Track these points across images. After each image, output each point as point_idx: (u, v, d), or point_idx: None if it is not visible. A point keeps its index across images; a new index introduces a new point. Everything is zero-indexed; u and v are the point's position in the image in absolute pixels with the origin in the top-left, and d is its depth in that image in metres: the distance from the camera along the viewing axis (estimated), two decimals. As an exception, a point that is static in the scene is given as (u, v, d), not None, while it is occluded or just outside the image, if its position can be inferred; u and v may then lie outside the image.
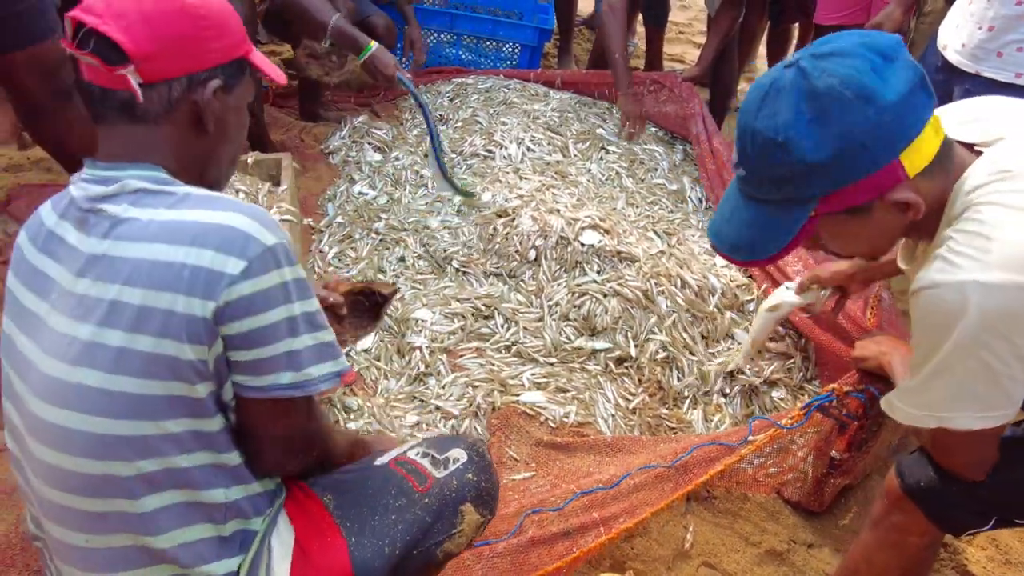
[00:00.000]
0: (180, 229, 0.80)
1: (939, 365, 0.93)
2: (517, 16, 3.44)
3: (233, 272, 0.79)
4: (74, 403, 0.80)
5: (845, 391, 1.48)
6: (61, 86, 1.90)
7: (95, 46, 0.82)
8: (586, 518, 1.41)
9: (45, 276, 0.86)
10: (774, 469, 1.63)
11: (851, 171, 0.88)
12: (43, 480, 0.85)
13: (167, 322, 0.78)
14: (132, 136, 0.86)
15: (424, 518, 0.99)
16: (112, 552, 0.85)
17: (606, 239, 2.01)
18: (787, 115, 0.88)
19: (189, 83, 0.87)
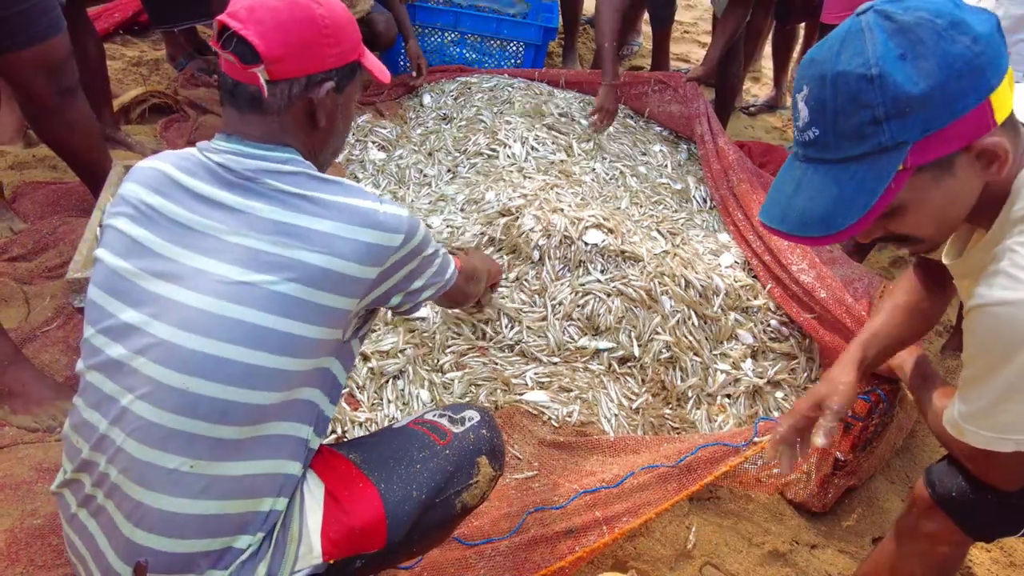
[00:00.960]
0: (357, 213, 0.98)
1: (1010, 387, 0.88)
2: (522, 15, 3.44)
3: (396, 244, 1.01)
4: (232, 335, 0.92)
5: None
6: (66, 84, 1.90)
7: (235, 46, 0.97)
8: (589, 517, 1.41)
9: (184, 227, 0.96)
10: (776, 470, 1.63)
11: (947, 109, 0.80)
12: (166, 406, 0.91)
13: (342, 282, 0.96)
14: (261, 122, 1.01)
15: (446, 467, 1.09)
16: (210, 480, 0.93)
17: (610, 238, 2.01)
18: (878, 49, 0.80)
19: (308, 83, 1.01)
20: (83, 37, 2.46)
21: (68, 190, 2.37)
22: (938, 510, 1.11)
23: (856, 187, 0.84)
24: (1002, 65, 0.81)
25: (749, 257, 2.13)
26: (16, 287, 2.01)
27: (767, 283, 2.02)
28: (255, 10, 0.97)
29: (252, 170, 0.98)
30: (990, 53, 0.80)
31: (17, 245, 2.13)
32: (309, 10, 0.98)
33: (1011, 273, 0.84)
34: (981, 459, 1.04)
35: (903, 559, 1.19)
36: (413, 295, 1.11)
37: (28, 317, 1.93)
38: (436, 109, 2.89)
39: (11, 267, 2.07)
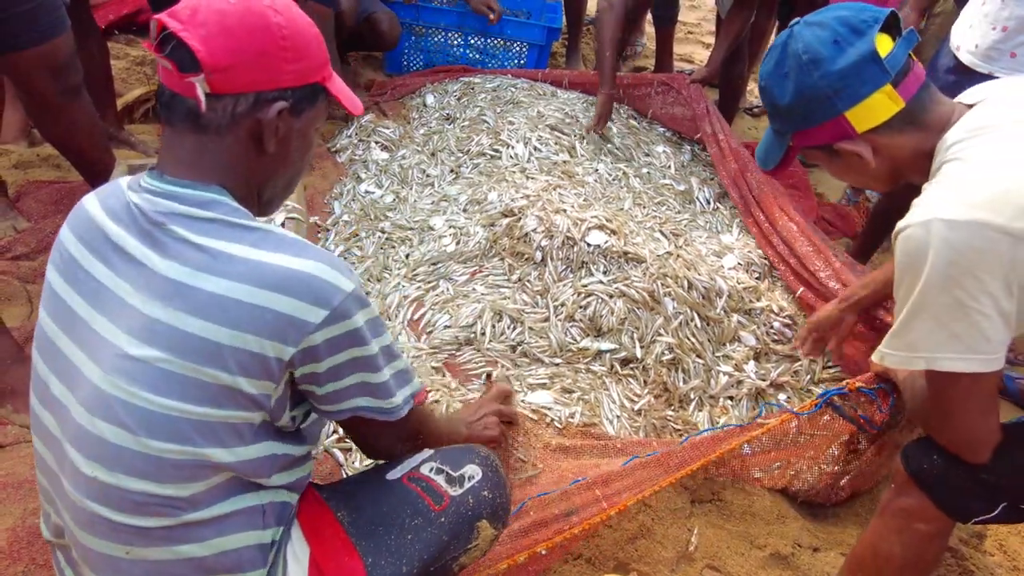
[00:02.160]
0: (266, 273, 0.81)
1: (915, 304, 1.00)
2: (525, 15, 3.43)
3: (315, 321, 0.82)
4: (128, 422, 0.80)
5: (857, 387, 1.48)
6: (70, 83, 1.90)
7: (173, 51, 0.83)
8: (589, 496, 1.38)
9: (98, 282, 0.84)
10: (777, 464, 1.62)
11: (805, 117, 1.12)
12: (82, 491, 0.83)
13: (243, 360, 0.80)
14: (195, 145, 0.86)
15: (441, 537, 0.98)
16: (152, 565, 0.85)
17: (612, 240, 2.01)
18: (770, 67, 1.16)
19: (256, 100, 0.86)
20: (86, 36, 2.46)
21: (71, 189, 2.38)
22: (913, 485, 1.14)
23: (770, 148, 1.23)
24: (854, 94, 1.07)
25: (775, 261, 2.11)
26: (19, 286, 2.01)
27: (797, 288, 2.01)
28: (199, 11, 0.83)
29: (163, 213, 0.83)
30: (837, 86, 1.07)
31: (20, 244, 2.14)
32: (264, 17, 0.84)
33: (917, 203, 1.01)
34: (936, 412, 1.11)
35: (883, 537, 1.20)
36: (340, 395, 0.89)
37: (31, 316, 1.94)
38: (439, 109, 2.89)
39: (14, 266, 2.07)
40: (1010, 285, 0.95)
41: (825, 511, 1.67)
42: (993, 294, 0.95)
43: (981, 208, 0.94)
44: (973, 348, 0.98)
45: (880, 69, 1.06)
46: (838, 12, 1.09)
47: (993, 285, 0.95)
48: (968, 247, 0.94)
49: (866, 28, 1.06)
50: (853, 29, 1.07)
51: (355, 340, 0.86)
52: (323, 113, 0.96)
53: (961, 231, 0.94)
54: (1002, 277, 0.94)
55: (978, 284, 0.95)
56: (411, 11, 3.19)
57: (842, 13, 1.09)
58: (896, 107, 1.07)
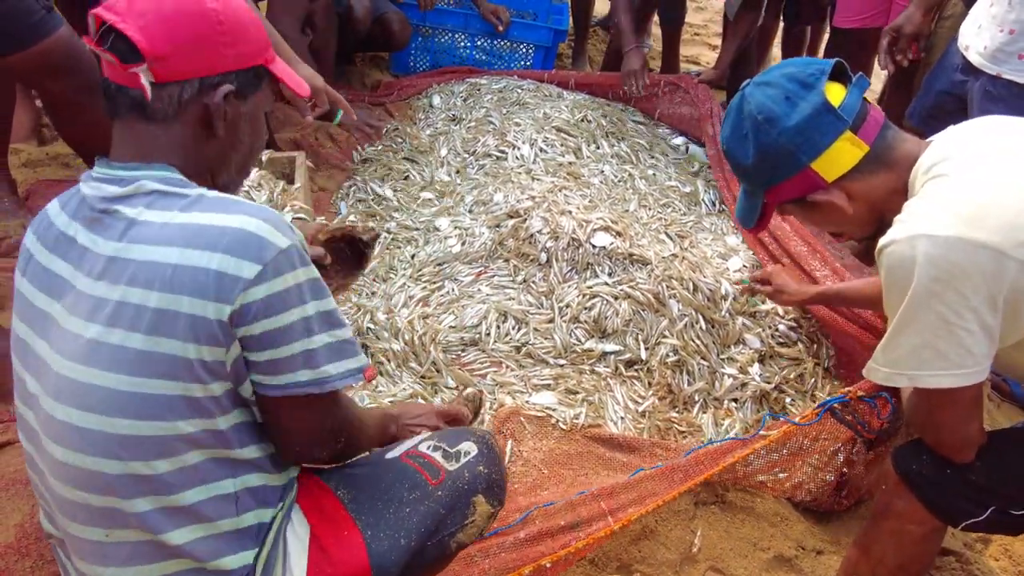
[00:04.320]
0: (195, 233, 0.80)
1: (900, 321, 1.01)
2: (532, 16, 3.44)
3: (248, 276, 0.80)
4: (89, 403, 0.81)
5: (858, 395, 1.48)
6: (83, 83, 1.91)
7: (113, 43, 0.84)
8: (594, 508, 1.39)
9: (56, 276, 0.86)
10: (783, 474, 1.62)
11: (772, 174, 1.13)
12: (59, 479, 0.85)
13: (183, 325, 0.79)
14: (144, 134, 0.87)
15: (438, 510, 1.01)
16: (130, 547, 0.86)
17: (618, 241, 2.01)
18: (727, 131, 1.18)
19: (200, 86, 0.87)
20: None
21: (80, 188, 2.39)
22: (904, 487, 1.15)
23: (747, 207, 1.24)
24: (815, 146, 1.09)
25: (764, 261, 2.12)
26: (28, 284, 2.03)
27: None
28: (136, 1, 0.84)
29: (106, 198, 0.84)
30: (798, 140, 1.09)
31: (29, 242, 2.16)
32: (200, 3, 0.85)
33: (900, 219, 1.02)
34: (924, 419, 1.13)
35: (875, 539, 1.21)
36: (275, 367, 0.84)
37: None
38: (445, 110, 2.90)
39: (22, 264, 2.09)
40: (994, 300, 0.96)
41: (829, 514, 1.67)
42: (976, 309, 0.96)
43: (965, 223, 0.95)
44: (957, 364, 0.99)
45: (835, 118, 1.07)
46: (784, 69, 1.12)
47: (976, 300, 0.95)
48: (951, 263, 0.94)
49: (814, 80, 1.08)
50: (802, 84, 1.09)
51: (292, 300, 0.82)
52: (270, 96, 0.97)
53: (944, 247, 0.94)
54: (985, 292, 0.95)
55: (961, 300, 0.95)
56: (418, 12, 3.20)
57: (788, 70, 1.11)
58: (860, 152, 1.09)
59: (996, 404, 2.05)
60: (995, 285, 0.95)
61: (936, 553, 1.23)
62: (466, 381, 1.76)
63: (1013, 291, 0.96)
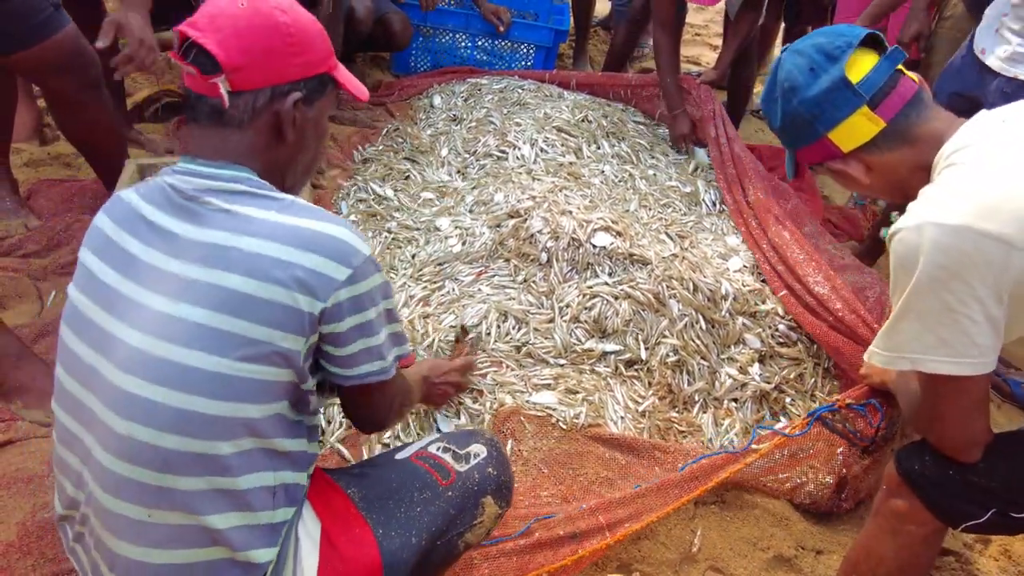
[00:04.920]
0: (295, 234, 0.88)
1: (904, 306, 1.01)
2: (533, 17, 3.44)
3: (341, 278, 0.89)
4: (166, 378, 0.85)
5: (847, 403, 1.48)
6: (86, 80, 1.91)
7: (195, 57, 0.92)
8: (593, 522, 1.41)
9: (132, 256, 0.91)
10: (783, 475, 1.63)
11: (795, 138, 1.18)
12: (114, 452, 0.87)
13: (275, 313, 0.86)
14: (222, 138, 0.95)
15: (448, 510, 1.04)
16: (170, 529, 0.88)
17: (618, 241, 2.01)
18: (764, 92, 1.23)
19: (272, 94, 0.95)
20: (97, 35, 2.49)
21: (82, 188, 2.40)
22: (905, 487, 1.15)
23: (787, 160, 1.27)
24: (831, 117, 1.12)
25: (760, 262, 2.13)
26: (30, 283, 2.04)
27: (779, 291, 2.01)
28: (215, 18, 0.92)
29: (197, 190, 0.91)
30: (814, 111, 1.13)
31: (31, 242, 2.16)
32: (271, 17, 0.93)
33: (911, 208, 1.03)
34: (927, 411, 1.12)
35: (875, 538, 1.21)
36: (372, 349, 0.95)
37: (41, 313, 1.96)
38: (446, 110, 2.90)
39: (25, 263, 2.09)
40: (1000, 292, 0.95)
41: (829, 514, 1.67)
42: (982, 300, 0.95)
43: (974, 214, 0.94)
44: (960, 352, 0.98)
45: (852, 94, 1.09)
46: (816, 39, 1.14)
47: (982, 291, 0.95)
48: (959, 252, 0.94)
49: (839, 54, 1.10)
50: (828, 55, 1.11)
51: (372, 300, 0.93)
52: (333, 101, 1.05)
53: (953, 236, 0.94)
54: (992, 283, 0.95)
55: (967, 289, 0.95)
56: (419, 12, 3.21)
57: (819, 40, 1.13)
58: (876, 128, 1.10)
59: (997, 405, 2.05)
60: (1001, 277, 0.94)
61: (936, 555, 1.23)
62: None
63: (1018, 284, 0.95)
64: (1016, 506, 1.09)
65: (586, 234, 2.01)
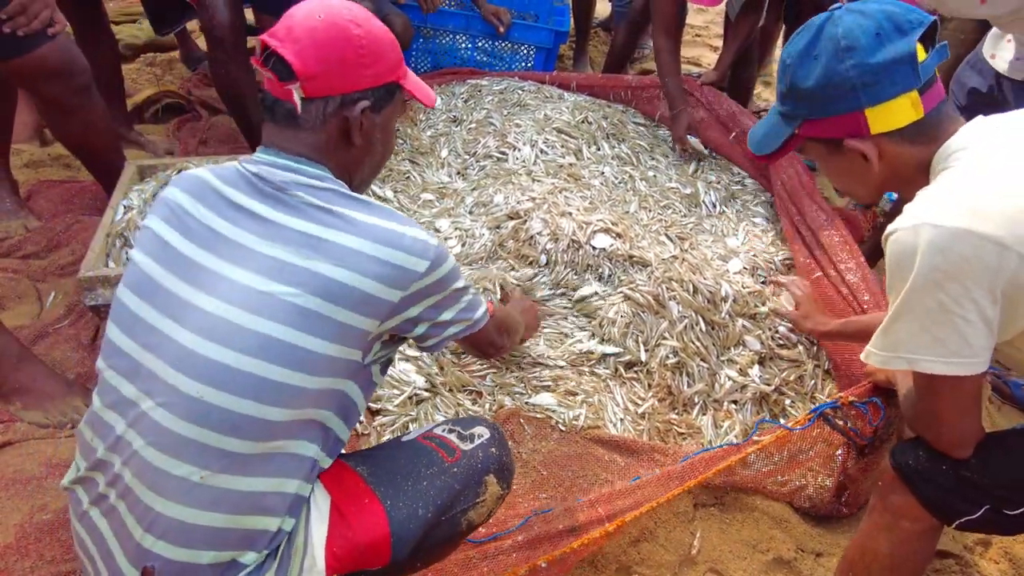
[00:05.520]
0: (381, 232, 0.98)
1: (901, 306, 1.01)
2: (533, 18, 3.44)
3: (421, 270, 0.99)
4: (248, 346, 0.91)
5: (850, 400, 1.48)
6: (75, 85, 1.91)
7: (273, 64, 1.00)
8: (592, 514, 1.40)
9: (214, 232, 0.98)
10: (783, 477, 1.63)
11: (824, 105, 1.08)
12: (179, 413, 0.91)
13: (358, 299, 0.95)
14: (298, 137, 1.02)
15: (453, 485, 1.09)
16: (219, 492, 0.92)
17: (618, 243, 2.01)
18: (799, 46, 1.09)
19: (342, 101, 1.02)
20: (98, 37, 2.49)
21: (82, 189, 2.40)
22: (900, 482, 1.15)
23: (772, 131, 1.18)
24: (880, 92, 1.04)
25: (796, 250, 2.13)
26: (29, 284, 2.04)
27: (814, 272, 2.01)
28: (293, 29, 0.99)
29: (284, 181, 0.99)
30: (867, 79, 1.03)
31: (31, 243, 2.16)
32: (346, 30, 1.00)
33: (908, 208, 1.02)
34: (922, 409, 1.13)
35: (871, 535, 1.21)
36: (439, 327, 1.08)
37: (40, 314, 1.96)
38: (446, 111, 2.90)
39: (24, 264, 2.09)
40: (995, 293, 0.96)
41: (828, 516, 1.67)
42: (977, 301, 0.96)
43: (970, 215, 0.95)
44: (955, 352, 0.99)
45: (913, 73, 1.03)
46: (884, 5, 1.05)
47: (977, 292, 0.96)
48: (954, 253, 0.95)
49: (910, 29, 1.03)
50: (897, 26, 1.03)
51: (445, 284, 1.04)
52: (401, 107, 1.13)
53: (949, 237, 0.95)
54: (987, 285, 0.95)
55: (963, 290, 0.96)
56: (419, 13, 3.21)
57: (889, 8, 1.05)
58: (916, 115, 1.05)
59: (997, 406, 2.05)
60: (996, 278, 0.95)
61: (932, 552, 1.23)
62: (466, 382, 1.76)
63: (1011, 285, 0.96)
64: (1009, 503, 1.09)
65: (586, 236, 2.01)
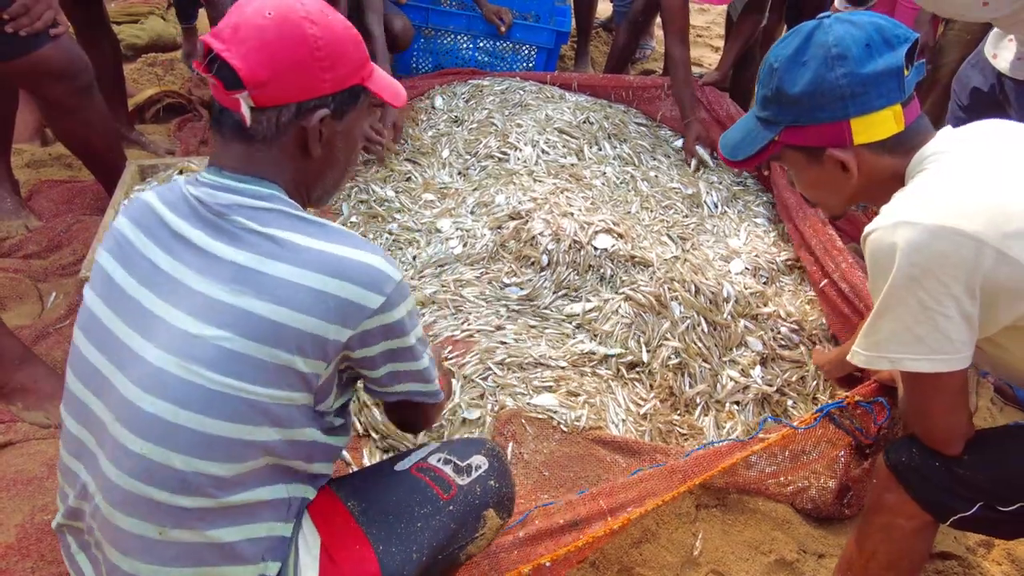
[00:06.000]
0: (330, 261, 0.86)
1: (882, 306, 1.02)
2: (534, 18, 3.44)
3: (373, 307, 0.87)
4: (187, 400, 0.82)
5: (856, 400, 1.48)
6: (77, 85, 1.91)
7: (219, 70, 0.87)
8: (594, 507, 1.39)
9: (156, 267, 0.87)
10: (784, 478, 1.62)
11: (809, 112, 1.07)
12: (127, 470, 0.84)
13: (303, 341, 0.84)
14: (248, 152, 0.91)
15: (449, 524, 1.02)
16: (180, 547, 0.86)
17: (620, 243, 2.01)
18: (788, 51, 1.09)
19: (298, 110, 0.90)
20: (99, 37, 2.48)
21: (83, 189, 2.40)
22: (894, 480, 1.16)
23: (749, 136, 1.16)
24: (868, 103, 1.04)
25: (798, 249, 2.12)
26: (30, 284, 2.03)
27: (821, 280, 2.01)
28: (240, 28, 0.86)
29: (224, 205, 0.87)
30: (856, 89, 1.03)
31: (32, 242, 2.16)
32: (300, 28, 0.87)
33: (885, 209, 1.04)
34: (912, 406, 1.14)
35: (867, 533, 1.22)
36: (393, 379, 0.96)
37: (41, 314, 1.96)
38: (447, 111, 2.90)
39: (26, 264, 2.09)
40: (973, 289, 0.97)
41: (831, 517, 1.66)
42: (956, 297, 0.97)
43: (947, 213, 0.96)
44: (936, 349, 1.01)
45: (899, 87, 1.04)
46: (873, 18, 1.07)
47: (956, 288, 0.97)
48: (932, 249, 0.96)
49: (897, 43, 1.04)
50: (886, 40, 1.04)
51: (403, 328, 0.92)
52: (366, 111, 1.00)
53: (927, 235, 0.96)
54: (965, 280, 0.97)
55: (941, 287, 0.97)
56: (420, 13, 3.21)
57: (877, 21, 1.06)
58: (897, 128, 1.07)
59: (999, 408, 2.04)
60: (973, 274, 0.96)
61: (929, 549, 1.23)
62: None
63: (988, 280, 0.97)
64: (1003, 500, 1.09)
65: (588, 236, 2.00)
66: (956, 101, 2.16)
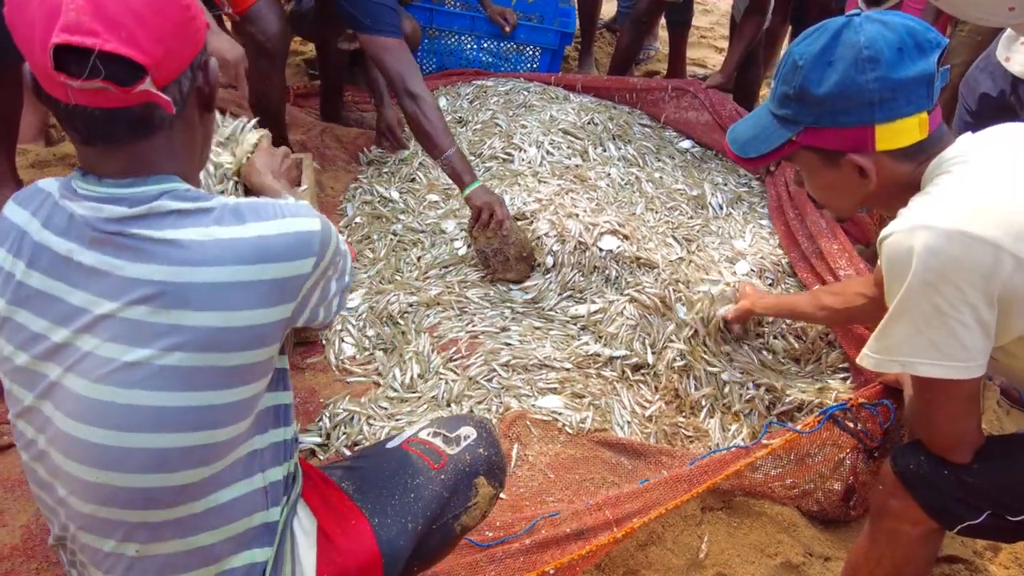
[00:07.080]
0: (245, 248, 0.78)
1: (897, 309, 1.01)
2: (538, 19, 3.44)
3: (308, 270, 0.83)
4: (131, 424, 0.78)
5: (860, 402, 1.47)
6: None
7: (107, 70, 0.71)
8: (600, 518, 1.40)
9: (59, 301, 0.79)
10: (790, 480, 1.62)
11: (833, 115, 1.03)
12: (89, 499, 0.82)
13: (246, 337, 0.79)
14: (141, 150, 0.79)
15: (441, 493, 1.03)
16: (165, 558, 0.84)
17: (625, 245, 2.00)
18: (815, 49, 1.03)
19: (192, 71, 0.81)
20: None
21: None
22: (900, 487, 1.14)
23: (763, 133, 1.11)
24: (896, 109, 1.00)
25: (795, 259, 2.11)
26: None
27: (812, 285, 2.01)
28: (101, 7, 0.70)
29: (117, 219, 0.77)
30: (885, 95, 1.00)
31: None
32: None
33: (903, 212, 1.02)
34: (921, 413, 1.12)
35: (873, 540, 1.21)
36: (329, 305, 0.93)
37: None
38: (452, 112, 2.90)
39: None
40: (991, 296, 0.96)
41: (837, 520, 1.66)
42: (972, 304, 0.96)
43: (966, 218, 0.95)
44: (950, 355, 0.99)
45: (928, 94, 1.01)
46: (905, 20, 1.02)
47: (973, 295, 0.95)
48: (949, 254, 0.94)
49: (929, 49, 1.00)
50: (918, 44, 1.00)
51: (334, 258, 0.88)
52: None
53: (944, 239, 0.94)
54: (982, 287, 0.95)
55: (958, 293, 0.95)
56: (425, 14, 3.21)
57: (910, 24, 1.01)
58: (920, 136, 1.03)
59: (1005, 411, 2.03)
60: (991, 280, 0.95)
61: (935, 556, 1.22)
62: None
63: (1006, 288, 0.95)
64: (1011, 509, 1.08)
65: (593, 237, 2.00)
66: (964, 105, 2.15)
